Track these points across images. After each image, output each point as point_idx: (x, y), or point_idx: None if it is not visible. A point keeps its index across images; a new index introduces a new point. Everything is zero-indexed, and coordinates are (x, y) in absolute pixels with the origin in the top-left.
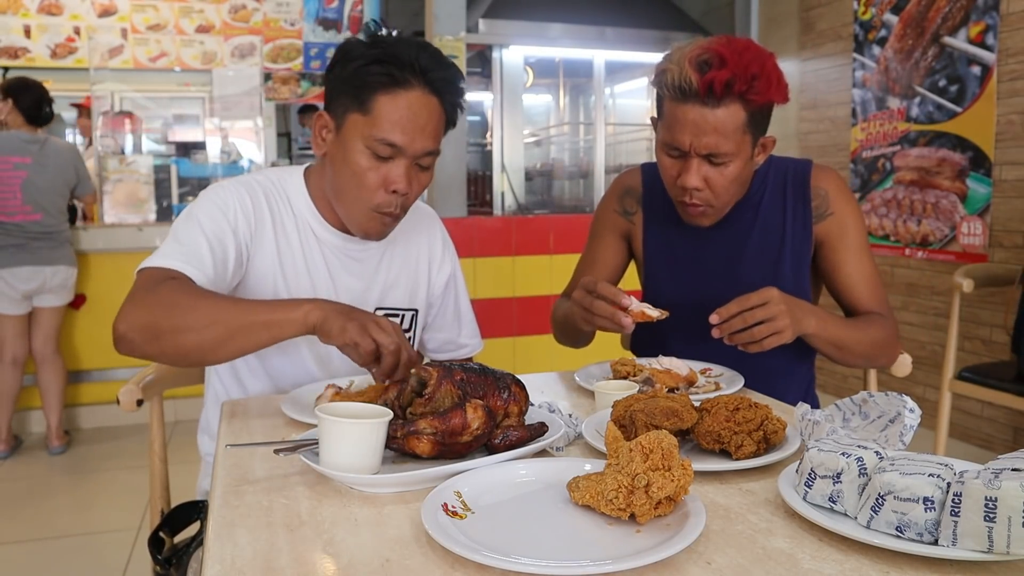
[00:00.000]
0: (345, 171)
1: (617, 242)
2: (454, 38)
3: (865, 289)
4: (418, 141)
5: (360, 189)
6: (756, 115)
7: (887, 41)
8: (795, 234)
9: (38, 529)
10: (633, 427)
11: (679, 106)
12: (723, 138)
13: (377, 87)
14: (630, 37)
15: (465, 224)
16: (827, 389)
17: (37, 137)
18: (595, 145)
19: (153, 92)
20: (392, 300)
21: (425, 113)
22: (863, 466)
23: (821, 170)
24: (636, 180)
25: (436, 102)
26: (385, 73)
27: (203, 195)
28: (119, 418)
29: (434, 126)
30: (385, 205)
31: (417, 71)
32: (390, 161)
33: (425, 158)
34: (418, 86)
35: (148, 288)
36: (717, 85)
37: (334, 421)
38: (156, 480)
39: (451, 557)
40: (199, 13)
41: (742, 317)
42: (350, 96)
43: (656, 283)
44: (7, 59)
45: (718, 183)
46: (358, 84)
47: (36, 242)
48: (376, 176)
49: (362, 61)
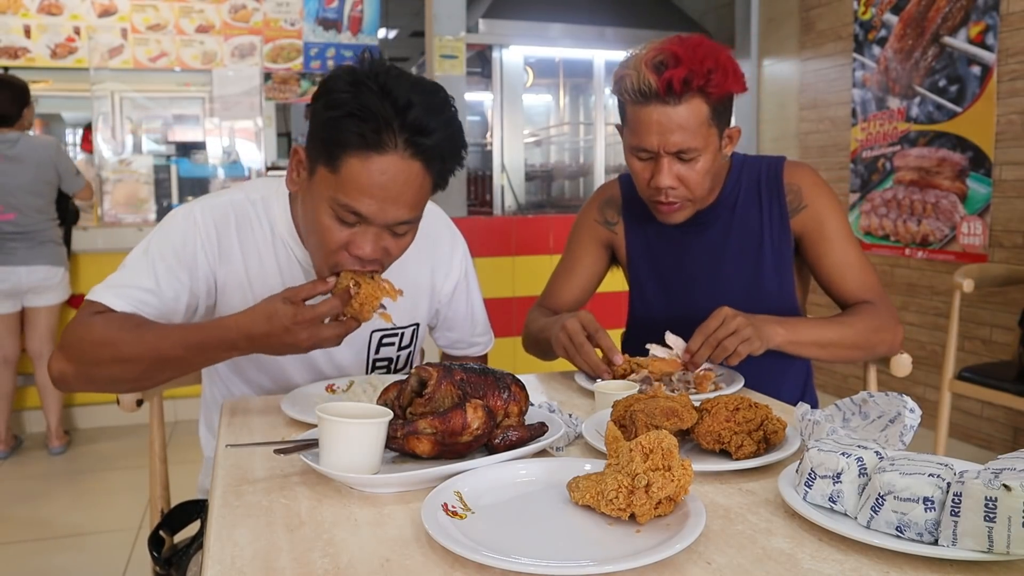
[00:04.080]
0: (310, 221)
1: (598, 251)
2: (454, 38)
3: (852, 277)
4: (389, 212)
5: (321, 248)
6: (718, 107)
7: (887, 41)
8: (773, 232)
9: (38, 529)
10: (633, 427)
11: (642, 109)
12: (689, 134)
13: (348, 146)
14: (630, 37)
15: (465, 224)
16: (827, 389)
17: (8, 136)
18: (595, 145)
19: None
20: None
21: (401, 180)
22: (863, 466)
23: (793, 165)
24: (615, 191)
25: (419, 168)
26: (358, 133)
27: (167, 221)
28: (119, 418)
29: (412, 195)
30: (348, 264)
31: (398, 131)
32: (356, 226)
33: (399, 227)
34: (396, 151)
35: (75, 330)
36: (676, 83)
37: (334, 421)
38: (156, 480)
39: (451, 557)
40: (199, 13)
41: (707, 343)
42: (321, 146)
43: (641, 290)
44: (7, 59)
45: (691, 179)
46: (329, 137)
47: (11, 242)
48: (339, 237)
49: (337, 112)
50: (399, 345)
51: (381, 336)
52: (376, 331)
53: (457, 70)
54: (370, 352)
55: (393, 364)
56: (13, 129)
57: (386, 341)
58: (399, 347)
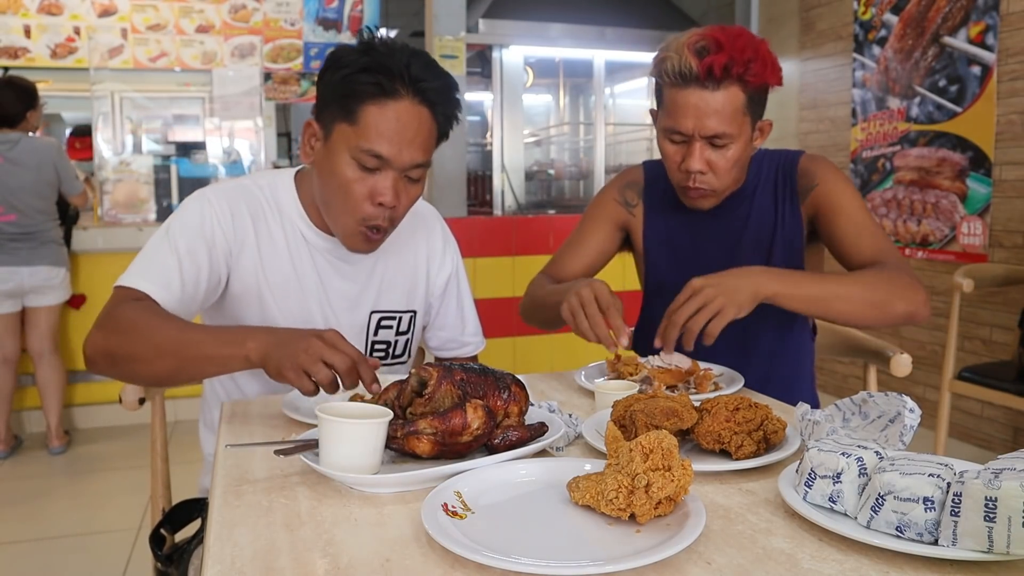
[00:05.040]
0: (332, 182)
1: (612, 230)
2: (454, 38)
3: (867, 243)
4: (406, 153)
5: (346, 201)
6: (754, 97)
7: (887, 41)
8: (785, 222)
9: (38, 529)
10: (633, 427)
11: (680, 91)
12: (724, 120)
13: (365, 97)
14: (630, 37)
15: (465, 224)
16: (827, 389)
17: (8, 136)
18: (595, 145)
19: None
20: (388, 303)
21: (415, 124)
22: (863, 466)
23: (809, 156)
24: (639, 175)
25: (427, 113)
26: (373, 83)
27: (182, 207)
28: (119, 418)
29: (424, 138)
30: (371, 218)
31: (407, 81)
32: (377, 173)
33: (414, 170)
34: (408, 96)
35: (111, 313)
36: (716, 68)
37: (334, 421)
38: (157, 479)
39: (451, 557)
40: (199, 13)
41: (672, 322)
42: (338, 105)
43: (657, 274)
44: (7, 59)
45: (720, 166)
46: (346, 93)
47: (13, 243)
48: (362, 188)
49: (350, 69)
50: (397, 330)
51: (380, 318)
52: (375, 312)
53: (457, 70)
54: (369, 333)
55: (391, 348)
56: (16, 130)
57: (384, 323)
58: (397, 331)
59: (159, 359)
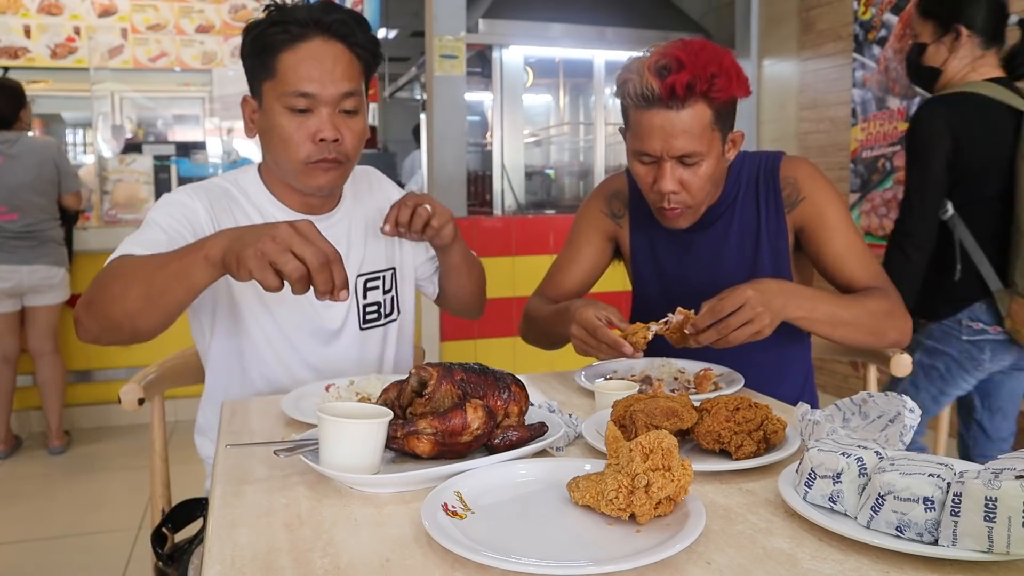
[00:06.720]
0: (274, 136)
1: (602, 243)
2: (454, 38)
3: (856, 264)
4: (329, 85)
5: (288, 147)
6: (721, 112)
7: (887, 41)
8: (770, 228)
9: (38, 529)
10: (633, 427)
11: (645, 113)
12: (692, 139)
13: (278, 46)
14: (630, 37)
15: (465, 224)
16: (827, 389)
17: (7, 136)
18: (595, 145)
19: (153, 92)
20: (371, 264)
21: (330, 58)
22: (863, 466)
23: (790, 160)
24: (623, 184)
25: (340, 46)
26: (282, 31)
27: (160, 202)
28: (119, 418)
29: (343, 67)
30: (316, 154)
31: (312, 23)
32: (310, 113)
33: (346, 101)
34: (317, 35)
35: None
36: (679, 87)
37: (334, 421)
38: (157, 479)
39: (451, 557)
40: (199, 13)
41: (716, 329)
42: (260, 65)
43: (643, 286)
44: (7, 59)
45: (693, 184)
46: (261, 50)
47: (14, 241)
48: (301, 131)
49: (260, 28)
50: (383, 288)
51: (365, 280)
52: (360, 275)
53: (457, 70)
54: (359, 297)
55: (382, 308)
56: (12, 130)
57: (371, 285)
58: (383, 290)
59: (128, 291)
